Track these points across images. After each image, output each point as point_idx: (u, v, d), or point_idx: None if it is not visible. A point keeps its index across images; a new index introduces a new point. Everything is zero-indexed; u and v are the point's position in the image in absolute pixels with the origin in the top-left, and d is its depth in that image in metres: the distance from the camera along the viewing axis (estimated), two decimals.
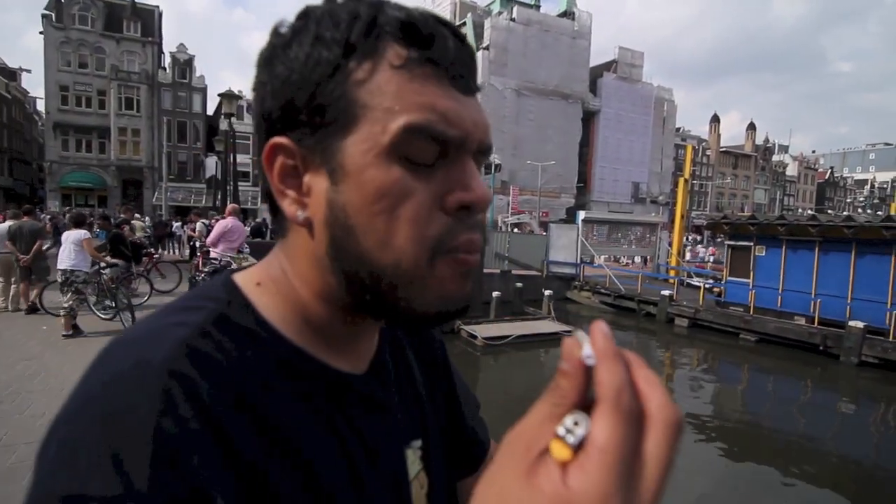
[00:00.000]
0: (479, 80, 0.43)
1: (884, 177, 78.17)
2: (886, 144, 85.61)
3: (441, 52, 0.38)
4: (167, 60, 34.74)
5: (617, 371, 0.26)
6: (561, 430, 0.26)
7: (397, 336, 0.56)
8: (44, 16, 30.43)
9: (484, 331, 11.66)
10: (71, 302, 6.12)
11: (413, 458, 0.50)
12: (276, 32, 0.41)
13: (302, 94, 0.38)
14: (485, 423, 0.69)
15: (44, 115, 32.64)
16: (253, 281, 0.44)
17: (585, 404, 0.27)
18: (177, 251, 16.62)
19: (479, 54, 33.56)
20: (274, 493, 0.36)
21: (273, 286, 0.43)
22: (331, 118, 0.38)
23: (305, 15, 0.40)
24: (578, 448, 0.26)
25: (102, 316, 6.73)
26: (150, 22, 33.78)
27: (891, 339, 10.59)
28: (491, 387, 9.32)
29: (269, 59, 0.40)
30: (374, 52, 0.37)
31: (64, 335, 6.03)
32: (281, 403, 0.39)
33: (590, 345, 0.27)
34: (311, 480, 0.38)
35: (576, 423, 0.26)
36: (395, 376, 0.52)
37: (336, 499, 0.40)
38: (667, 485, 0.27)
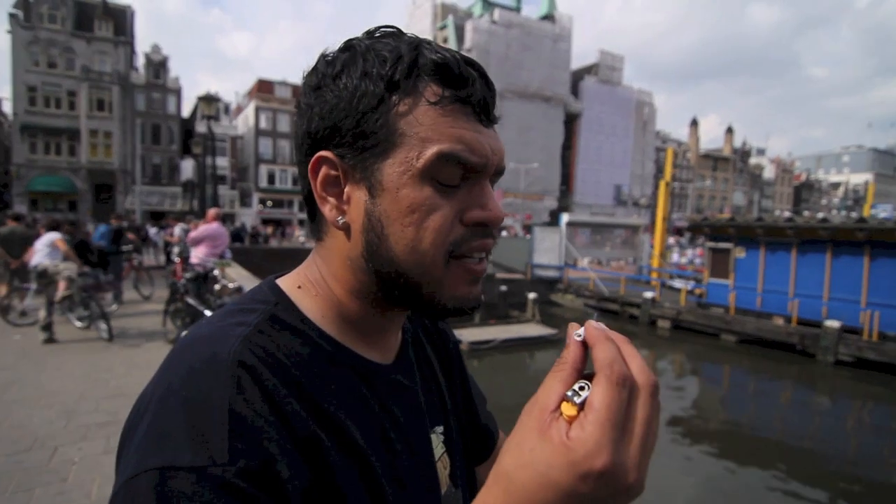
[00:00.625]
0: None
1: (857, 179, 79.03)
2: (859, 147, 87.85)
3: (470, 91, 0.45)
4: (140, 61, 33.91)
5: (607, 349, 0.35)
6: (569, 393, 0.34)
7: (418, 334, 0.62)
8: (11, 14, 29.36)
9: (469, 335, 11.62)
10: (66, 287, 6.24)
11: (437, 442, 0.56)
12: (323, 62, 0.47)
13: (349, 120, 0.44)
14: (493, 416, 0.73)
15: (10, 117, 31.37)
16: (295, 284, 0.51)
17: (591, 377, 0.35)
18: (152, 257, 16.10)
19: None
20: (328, 465, 0.41)
21: (312, 288, 0.50)
22: (373, 143, 0.44)
23: (350, 48, 0.46)
24: (582, 407, 0.33)
25: (78, 325, 6.57)
26: (122, 21, 32.85)
27: (865, 338, 10.84)
28: None
29: (318, 86, 0.46)
30: (414, 90, 0.44)
31: (59, 298, 6.19)
32: (328, 389, 0.44)
33: (583, 329, 0.37)
34: (358, 456, 0.44)
35: (581, 388, 0.34)
36: (418, 368, 0.58)
37: (378, 473, 0.45)
38: (655, 437, 0.33)
